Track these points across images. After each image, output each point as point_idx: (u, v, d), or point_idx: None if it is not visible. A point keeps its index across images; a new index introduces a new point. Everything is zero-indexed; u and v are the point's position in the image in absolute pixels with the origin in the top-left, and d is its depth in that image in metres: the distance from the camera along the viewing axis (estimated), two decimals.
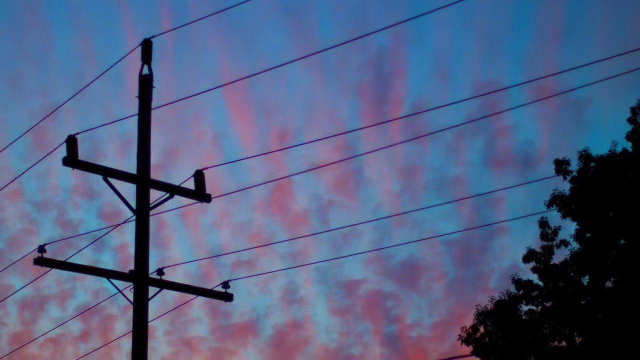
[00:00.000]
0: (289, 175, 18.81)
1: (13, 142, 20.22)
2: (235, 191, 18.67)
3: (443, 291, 51.86)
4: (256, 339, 53.34)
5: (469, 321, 27.83)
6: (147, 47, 17.16)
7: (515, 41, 56.56)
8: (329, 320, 54.91)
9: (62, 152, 16.29)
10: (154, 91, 17.15)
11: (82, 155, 16.37)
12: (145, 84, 17.16)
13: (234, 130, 58.03)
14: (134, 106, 17.20)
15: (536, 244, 27.36)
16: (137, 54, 17.20)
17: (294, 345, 53.19)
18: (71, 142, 16.33)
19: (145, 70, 17.13)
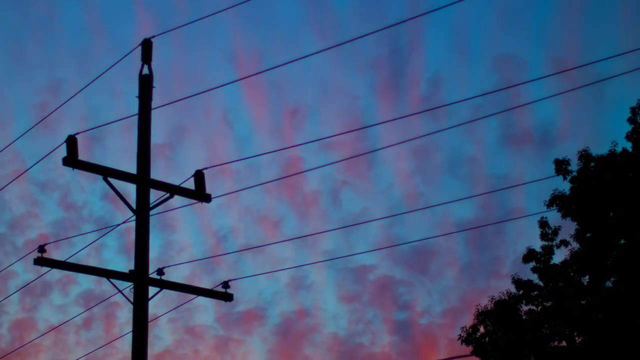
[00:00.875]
0: (291, 175, 18.80)
1: (13, 142, 20.23)
2: (236, 191, 18.68)
3: (455, 277, 50.04)
4: (262, 327, 51.74)
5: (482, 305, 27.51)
6: (147, 47, 17.15)
7: (536, 14, 54.60)
8: (337, 307, 53.08)
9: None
10: (154, 91, 17.16)
11: (82, 155, 16.40)
12: (145, 84, 17.16)
13: (245, 106, 56.34)
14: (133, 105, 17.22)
15: (537, 242, 27.38)
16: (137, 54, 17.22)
17: (301, 333, 51.94)
18: (71, 142, 16.35)
19: (145, 70, 17.14)
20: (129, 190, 16.92)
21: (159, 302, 18.78)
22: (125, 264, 16.83)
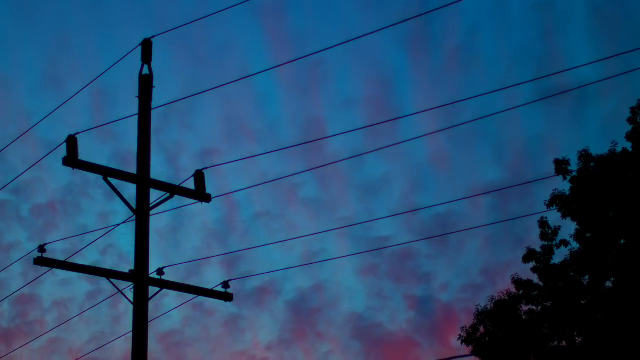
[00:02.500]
0: (295, 174, 18.78)
1: (14, 141, 20.23)
2: (236, 191, 18.67)
3: (478, 248, 48.03)
4: (276, 302, 50.09)
5: (503, 281, 27.36)
6: (147, 47, 17.17)
7: None
8: (354, 281, 50.77)
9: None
10: (154, 91, 17.17)
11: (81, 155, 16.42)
12: (145, 84, 17.17)
13: (267, 61, 54.42)
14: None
15: (536, 243, 27.38)
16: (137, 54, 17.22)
17: (316, 309, 50.13)
18: (71, 142, 16.36)
19: (145, 70, 17.15)
20: (129, 190, 16.95)
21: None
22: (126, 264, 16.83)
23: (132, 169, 16.88)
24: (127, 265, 17.05)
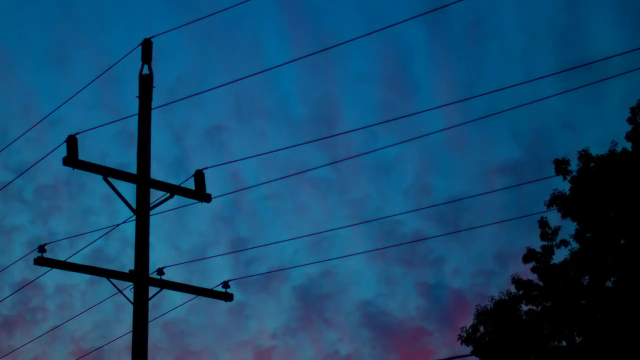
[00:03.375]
0: (300, 172, 18.80)
1: (15, 140, 20.23)
2: (236, 191, 18.69)
3: (492, 232, 47.29)
4: (283, 288, 48.53)
5: (515, 266, 27.20)
6: (147, 47, 17.18)
7: None
8: (363, 266, 49.11)
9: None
10: (154, 91, 17.19)
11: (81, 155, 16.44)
12: (145, 84, 17.19)
13: (278, 34, 52.88)
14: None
15: (537, 242, 27.37)
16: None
17: (324, 295, 48.42)
18: (71, 142, 16.38)
19: (145, 70, 17.17)
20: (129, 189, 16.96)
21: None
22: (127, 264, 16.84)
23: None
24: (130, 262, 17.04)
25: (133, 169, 16.84)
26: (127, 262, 16.51)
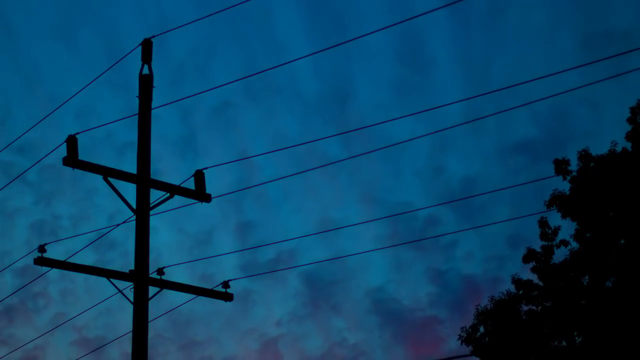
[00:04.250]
0: (301, 172, 18.80)
1: (14, 141, 20.24)
2: (236, 191, 18.69)
3: (505, 215, 45.91)
4: (290, 274, 47.46)
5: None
6: (147, 47, 17.19)
7: None
8: (371, 252, 48.30)
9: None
10: (154, 90, 17.20)
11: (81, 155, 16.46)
12: (145, 84, 17.19)
13: (290, 9, 50.75)
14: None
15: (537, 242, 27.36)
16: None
17: (332, 281, 46.91)
18: (71, 142, 16.40)
19: (145, 70, 17.17)
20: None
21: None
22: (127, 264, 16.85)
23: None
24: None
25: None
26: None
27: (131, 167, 16.85)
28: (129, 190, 16.87)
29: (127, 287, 16.64)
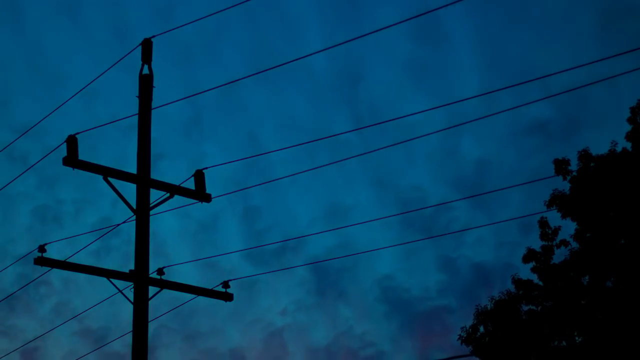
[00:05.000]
0: (299, 173, 18.80)
1: (14, 140, 20.26)
2: (236, 191, 18.69)
3: (517, 200, 41.82)
4: (296, 262, 45.58)
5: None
6: (147, 47, 17.19)
7: None
8: (382, 237, 44.67)
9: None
10: (154, 90, 17.21)
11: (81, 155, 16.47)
12: (145, 84, 17.20)
13: None
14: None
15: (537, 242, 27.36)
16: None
17: (340, 269, 45.64)
18: (71, 142, 16.41)
19: (145, 70, 17.18)
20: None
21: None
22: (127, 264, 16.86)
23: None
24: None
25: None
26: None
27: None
28: (129, 190, 16.89)
29: (127, 287, 16.65)
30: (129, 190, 16.87)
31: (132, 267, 16.49)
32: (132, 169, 16.90)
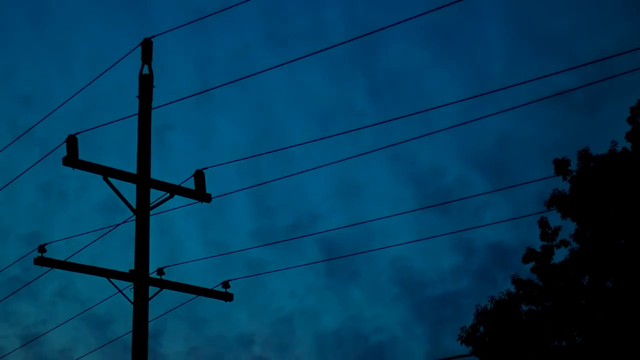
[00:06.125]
0: (296, 174, 18.80)
1: (14, 140, 20.26)
2: (236, 191, 18.69)
3: (536, 174, 42.87)
4: (306, 242, 44.70)
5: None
6: (147, 47, 17.19)
7: None
8: (395, 217, 45.79)
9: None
10: (154, 90, 17.21)
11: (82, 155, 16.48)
12: (145, 84, 17.20)
13: None
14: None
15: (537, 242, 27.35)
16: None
17: (352, 251, 45.01)
18: (71, 142, 16.40)
19: (145, 70, 17.17)
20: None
21: None
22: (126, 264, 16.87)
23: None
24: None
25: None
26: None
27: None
28: (129, 190, 16.89)
29: (127, 287, 16.66)
30: (129, 190, 16.89)
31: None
32: (132, 168, 16.92)
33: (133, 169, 16.87)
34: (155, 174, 16.98)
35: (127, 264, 16.80)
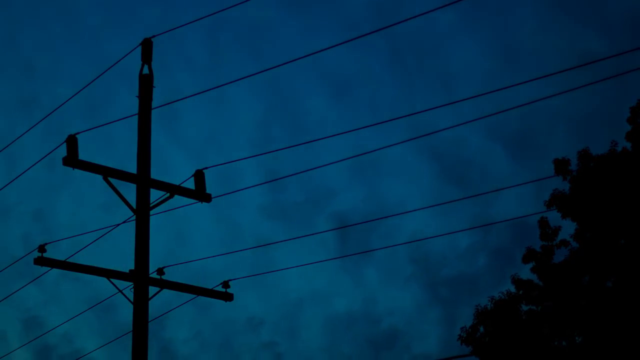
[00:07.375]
0: (295, 174, 18.80)
1: (14, 141, 20.24)
2: (236, 191, 18.69)
3: (562, 146, 39.27)
4: (318, 218, 41.57)
5: None
6: (147, 47, 17.19)
7: None
8: (411, 191, 40.98)
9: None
10: (154, 90, 17.21)
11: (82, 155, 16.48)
12: (145, 84, 17.20)
13: None
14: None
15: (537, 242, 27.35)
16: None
17: (366, 227, 42.71)
18: (71, 142, 16.40)
19: (145, 70, 17.17)
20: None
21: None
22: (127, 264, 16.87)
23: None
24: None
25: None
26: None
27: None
28: (129, 190, 16.90)
29: (127, 287, 16.66)
30: (129, 190, 16.89)
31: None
32: (132, 168, 16.93)
33: (133, 169, 16.89)
34: (156, 173, 17.01)
35: (127, 264, 16.81)
